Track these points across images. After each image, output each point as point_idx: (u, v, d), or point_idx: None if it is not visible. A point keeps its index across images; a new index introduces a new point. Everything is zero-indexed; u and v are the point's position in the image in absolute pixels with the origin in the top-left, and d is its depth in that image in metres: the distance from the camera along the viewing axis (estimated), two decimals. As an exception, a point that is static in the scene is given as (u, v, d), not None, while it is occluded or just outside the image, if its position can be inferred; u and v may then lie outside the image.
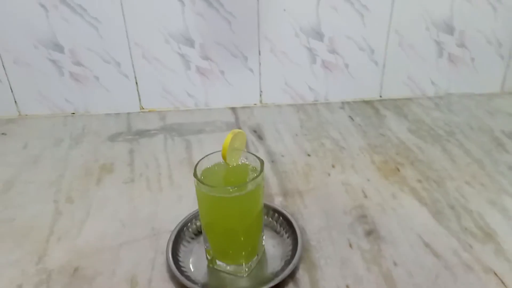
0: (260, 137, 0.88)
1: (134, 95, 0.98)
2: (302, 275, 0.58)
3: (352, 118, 0.93)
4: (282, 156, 0.82)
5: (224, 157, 0.55)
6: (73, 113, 1.00)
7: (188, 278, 0.56)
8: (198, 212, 0.65)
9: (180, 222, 0.64)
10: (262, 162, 0.55)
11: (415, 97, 1.01)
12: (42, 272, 0.59)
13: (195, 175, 0.53)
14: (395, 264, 0.59)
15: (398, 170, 0.77)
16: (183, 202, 0.72)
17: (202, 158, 0.56)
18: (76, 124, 0.96)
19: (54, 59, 0.92)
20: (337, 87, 0.99)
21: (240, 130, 0.56)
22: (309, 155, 0.82)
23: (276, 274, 0.56)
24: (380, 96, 1.00)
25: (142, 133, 0.92)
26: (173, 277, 0.58)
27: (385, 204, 0.69)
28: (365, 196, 0.71)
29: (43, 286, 0.57)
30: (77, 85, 0.97)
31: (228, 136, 0.55)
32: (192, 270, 0.59)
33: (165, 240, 0.62)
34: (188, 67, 0.96)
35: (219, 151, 0.56)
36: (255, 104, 1.01)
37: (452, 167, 0.78)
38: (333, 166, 0.79)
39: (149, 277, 0.58)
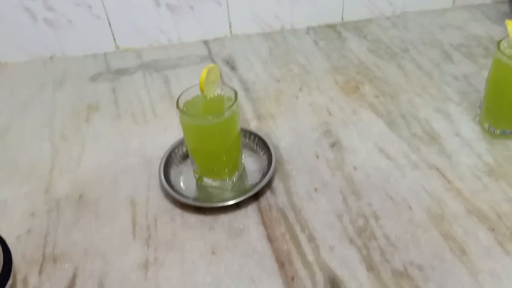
0: (232, 68, 0.95)
1: (108, 36, 1.02)
2: (277, 184, 0.68)
3: (316, 43, 1.00)
4: (254, 83, 0.90)
5: (201, 90, 0.63)
6: (51, 57, 1.04)
7: (180, 194, 0.66)
8: (183, 139, 0.74)
9: (168, 149, 0.72)
10: (235, 93, 0.63)
11: (374, 17, 1.07)
12: (51, 200, 0.68)
13: (178, 107, 0.61)
14: (355, 168, 0.69)
15: (358, 88, 0.86)
16: (168, 132, 0.80)
17: (183, 92, 0.63)
18: (56, 67, 1.00)
19: (26, 6, 0.95)
20: (302, 14, 1.05)
21: (214, 65, 0.63)
22: (278, 81, 0.90)
23: (256, 185, 0.66)
24: (342, 19, 1.07)
25: (121, 72, 0.97)
26: (167, 195, 0.67)
27: (347, 119, 0.79)
28: (330, 114, 0.80)
29: (53, 212, 0.66)
30: (52, 30, 1.00)
31: (204, 71, 0.62)
32: (183, 188, 0.68)
33: (156, 166, 0.70)
34: (158, 4, 0.99)
35: (196, 85, 0.63)
36: (225, 35, 1.06)
37: (405, 81, 0.87)
38: (300, 90, 0.87)
39: (146, 197, 0.68)
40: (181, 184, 0.69)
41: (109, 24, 1.01)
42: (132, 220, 0.64)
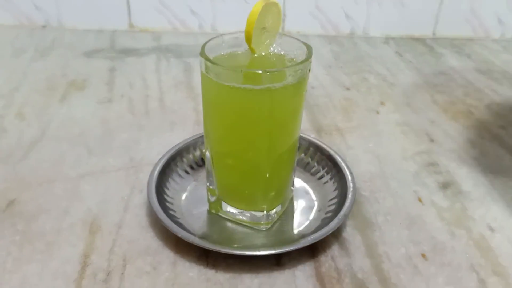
0: (282, 65, 0.67)
1: (122, 8, 0.77)
2: (352, 235, 0.38)
3: (400, 54, 0.73)
4: (312, 87, 0.62)
5: (248, 38, 0.35)
6: (44, 26, 0.78)
7: (178, 225, 0.36)
8: (198, 138, 0.45)
9: (170, 151, 0.43)
10: (309, 48, 0.35)
11: (476, 37, 0.80)
12: (-41, 202, 0.39)
13: (202, 54, 0.32)
14: (491, 229, 0.39)
15: (472, 113, 0.57)
16: (176, 131, 0.51)
17: (214, 38, 0.35)
18: (45, 37, 0.75)
19: None
20: (380, 19, 0.78)
21: (273, 1, 0.36)
22: (348, 88, 0.62)
23: (314, 231, 0.36)
24: (434, 34, 0.80)
25: (128, 52, 0.71)
26: (154, 223, 0.38)
27: (461, 151, 0.49)
28: (431, 140, 0.51)
29: (-45, 222, 0.37)
30: (51, -10, 0.75)
31: (256, 6, 0.34)
32: (185, 215, 0.39)
33: (146, 175, 0.41)
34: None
35: (240, 31, 0.36)
36: (274, 33, 0.80)
37: (544, 114, 0.58)
38: (382, 104, 0.58)
39: (119, 221, 0.38)
40: (182, 209, 0.39)
41: (126, -7, 0.76)
42: (83, 257, 0.35)
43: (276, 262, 0.35)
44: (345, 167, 0.41)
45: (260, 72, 0.31)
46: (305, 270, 0.35)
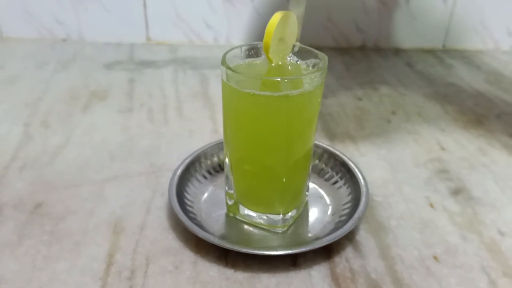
0: (296, 76, 0.70)
1: (140, 22, 0.80)
2: (365, 238, 0.39)
3: (410, 65, 0.74)
4: (326, 98, 0.63)
5: (266, 48, 0.37)
6: (65, 39, 0.81)
7: (199, 226, 0.37)
8: (216, 145, 0.47)
9: (189, 156, 0.45)
10: (324, 58, 0.37)
11: (486, 49, 0.81)
12: (-10, 204, 0.41)
13: (223, 63, 0.34)
14: (501, 234, 0.40)
15: (482, 122, 0.58)
16: (194, 137, 0.53)
17: (234, 48, 0.37)
18: (66, 49, 0.78)
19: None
20: (392, 30, 0.80)
21: (290, 12, 0.38)
22: (360, 99, 0.63)
23: (328, 233, 0.38)
24: (443, 46, 0.81)
25: (146, 64, 0.73)
26: (176, 225, 0.39)
27: (472, 159, 0.50)
28: (442, 149, 0.52)
29: (-14, 223, 0.39)
30: (73, 7, 0.78)
31: (274, 19, 0.36)
32: (204, 218, 0.40)
33: (167, 179, 0.43)
34: (211, -8, 0.77)
35: (258, 42, 0.38)
36: (288, 45, 0.82)
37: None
38: (393, 113, 0.60)
39: (141, 222, 0.40)
40: (201, 212, 0.41)
41: (144, 6, 0.78)
42: (108, 256, 0.36)
43: (292, 263, 0.37)
44: (358, 173, 0.43)
45: (279, 79, 0.33)
46: (320, 270, 0.36)
